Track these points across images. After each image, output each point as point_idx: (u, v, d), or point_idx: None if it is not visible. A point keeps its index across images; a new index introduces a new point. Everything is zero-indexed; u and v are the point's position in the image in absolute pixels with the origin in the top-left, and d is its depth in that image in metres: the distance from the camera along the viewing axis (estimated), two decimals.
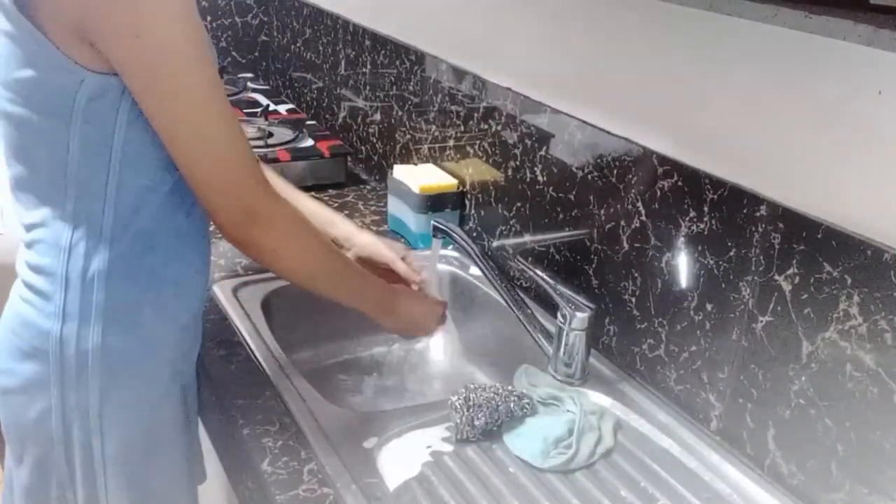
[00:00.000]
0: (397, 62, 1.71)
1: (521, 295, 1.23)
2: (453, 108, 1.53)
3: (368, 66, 1.85)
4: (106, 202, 0.93)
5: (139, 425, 1.02)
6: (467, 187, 1.52)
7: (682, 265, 1.06)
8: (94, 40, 0.84)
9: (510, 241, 1.41)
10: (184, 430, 1.08)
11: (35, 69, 0.87)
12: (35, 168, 0.94)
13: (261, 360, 1.14)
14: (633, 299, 1.15)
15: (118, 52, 0.84)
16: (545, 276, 1.18)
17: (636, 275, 1.14)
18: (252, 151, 0.93)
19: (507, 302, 1.21)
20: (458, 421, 1.01)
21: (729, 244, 0.99)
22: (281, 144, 1.83)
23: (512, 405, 1.03)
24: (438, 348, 1.46)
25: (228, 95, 2.19)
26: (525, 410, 1.04)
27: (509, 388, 1.06)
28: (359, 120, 1.93)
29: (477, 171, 1.49)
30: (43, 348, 0.95)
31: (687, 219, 1.04)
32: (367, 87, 1.87)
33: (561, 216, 1.27)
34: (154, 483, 1.05)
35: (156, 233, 0.97)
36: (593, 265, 1.22)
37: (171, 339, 1.02)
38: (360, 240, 1.29)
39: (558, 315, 1.13)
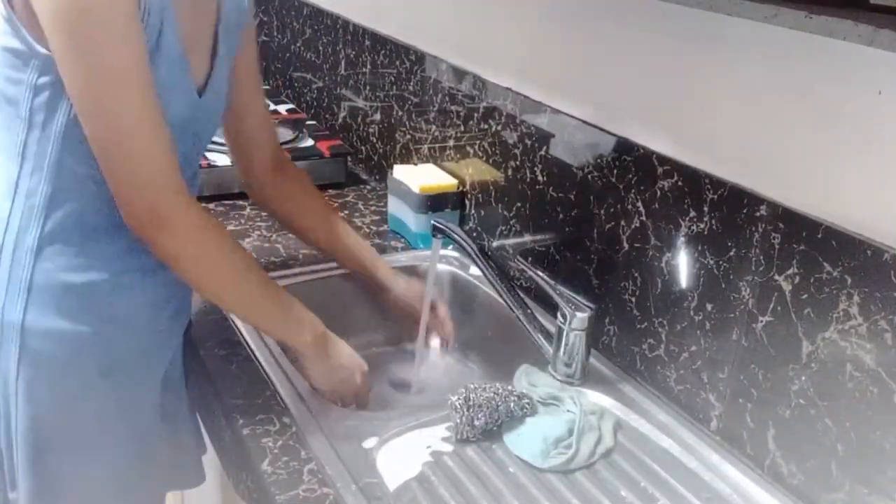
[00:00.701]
0: (397, 62, 1.71)
1: (521, 295, 1.23)
2: (453, 108, 1.53)
3: (368, 66, 1.85)
4: (45, 179, 0.93)
5: (52, 409, 0.99)
6: (467, 187, 1.52)
7: (682, 265, 1.06)
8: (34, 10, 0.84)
9: (510, 241, 1.41)
10: (123, 431, 1.05)
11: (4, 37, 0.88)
12: None
13: (261, 360, 1.14)
14: (633, 299, 1.15)
15: (43, 17, 0.84)
16: (545, 276, 1.18)
17: (636, 275, 1.14)
18: (172, 152, 0.91)
19: (507, 302, 1.21)
20: (458, 421, 1.01)
21: (729, 244, 0.99)
22: (281, 144, 1.82)
23: (512, 405, 1.03)
24: (438, 348, 1.46)
25: None
26: (525, 410, 1.04)
27: (509, 388, 1.06)
28: (359, 120, 1.93)
29: (477, 171, 1.49)
30: None
31: (687, 219, 1.04)
32: (367, 87, 1.87)
33: (561, 216, 1.27)
34: (68, 474, 1.02)
35: (94, 221, 0.96)
36: (593, 265, 1.22)
37: (97, 332, 1.00)
38: (399, 283, 1.28)
39: (558, 315, 1.13)
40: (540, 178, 1.31)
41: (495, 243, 1.45)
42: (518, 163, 1.36)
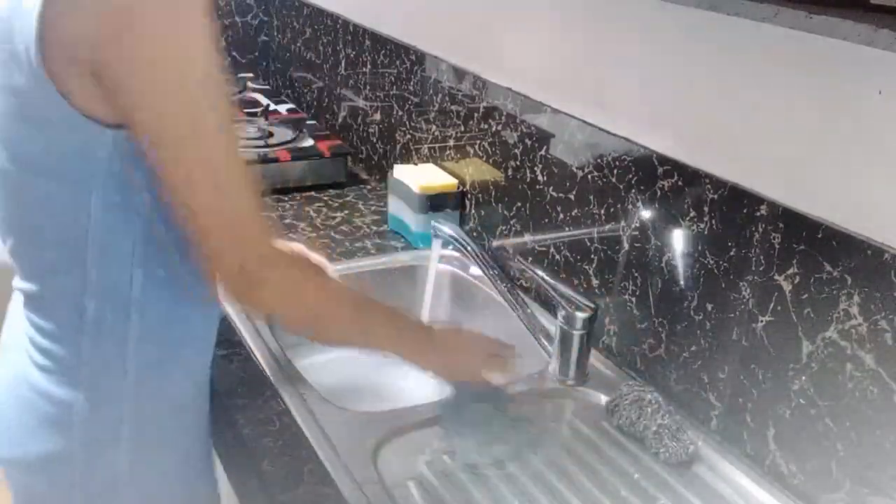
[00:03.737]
0: (397, 62, 1.71)
1: (521, 295, 1.23)
2: (453, 107, 1.53)
3: (368, 66, 1.85)
4: (133, 269, 0.87)
5: (168, 485, 0.99)
6: (467, 187, 1.52)
7: (682, 265, 1.06)
8: (104, 76, 0.76)
9: (510, 241, 1.41)
10: (202, 473, 1.06)
11: (44, 128, 0.80)
12: (40, 235, 0.87)
13: (261, 360, 1.14)
14: (633, 299, 1.15)
15: (129, 88, 0.76)
16: (545, 276, 1.18)
17: (636, 275, 1.14)
18: (262, 205, 0.85)
19: (507, 302, 1.21)
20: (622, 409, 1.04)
21: (729, 244, 0.99)
22: (281, 144, 1.83)
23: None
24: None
25: None
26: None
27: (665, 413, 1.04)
28: (359, 120, 1.93)
29: (477, 170, 1.49)
30: (65, 421, 0.91)
31: (687, 219, 1.04)
32: (368, 87, 1.87)
33: (561, 216, 1.27)
34: None
35: (179, 296, 0.92)
36: (593, 265, 1.22)
37: (191, 401, 1.00)
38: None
39: (558, 315, 1.13)
40: (540, 178, 1.31)
41: (495, 243, 1.45)
42: (518, 163, 1.36)
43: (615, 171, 1.15)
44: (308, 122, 2.02)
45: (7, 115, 0.82)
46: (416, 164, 1.66)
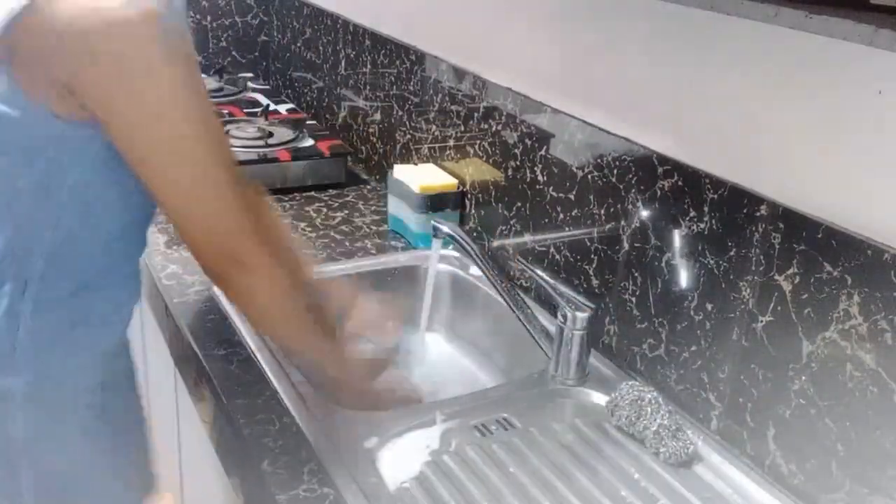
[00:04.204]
0: (397, 62, 1.71)
1: (521, 295, 1.23)
2: (453, 107, 1.53)
3: (368, 66, 1.85)
4: (41, 245, 0.92)
5: (63, 456, 1.01)
6: (467, 187, 1.52)
7: (682, 265, 1.06)
8: (77, 93, 0.82)
9: (510, 241, 1.41)
10: (111, 447, 1.07)
11: (6, 105, 0.85)
12: None
13: (261, 360, 1.14)
14: (633, 299, 1.15)
15: (108, 107, 0.83)
16: (545, 276, 1.18)
17: (636, 275, 1.14)
18: (243, 198, 0.92)
19: (507, 302, 1.21)
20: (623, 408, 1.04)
21: (729, 244, 0.99)
22: (281, 144, 1.83)
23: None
24: (438, 348, 1.46)
25: (228, 95, 2.21)
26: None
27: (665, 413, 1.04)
28: (359, 120, 1.93)
29: (477, 170, 1.49)
30: None
31: (687, 219, 1.04)
32: (368, 87, 1.87)
33: (561, 216, 1.27)
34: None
35: (88, 277, 0.97)
36: (593, 265, 1.22)
37: (94, 365, 1.02)
38: (356, 314, 1.23)
39: (558, 315, 1.13)
40: (540, 178, 1.31)
41: (495, 243, 1.45)
42: (518, 163, 1.36)
43: (615, 171, 1.15)
44: (308, 122, 2.02)
45: None
46: (416, 164, 1.66)
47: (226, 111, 2.06)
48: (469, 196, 1.52)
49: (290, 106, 2.18)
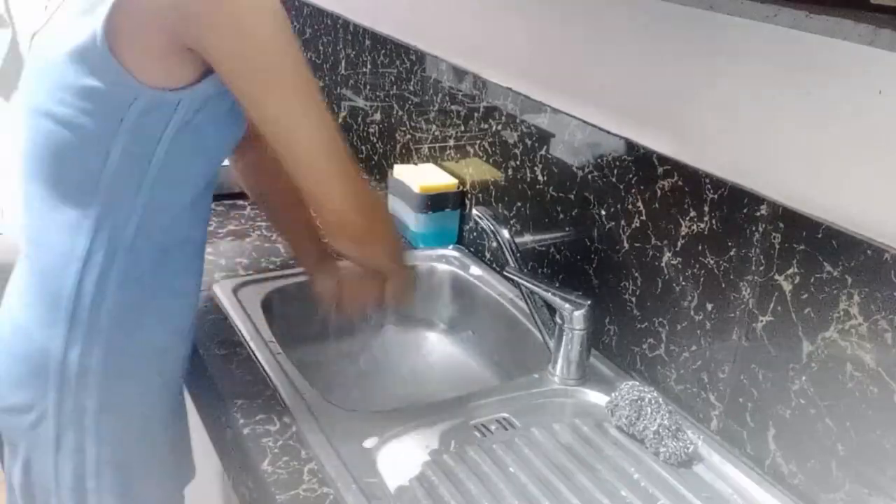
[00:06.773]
0: (397, 62, 1.71)
1: (534, 295, 1.21)
2: (453, 107, 1.53)
3: (368, 66, 1.85)
4: (131, 214, 0.94)
5: (134, 430, 1.03)
6: (467, 187, 1.52)
7: (682, 265, 1.06)
8: (197, 48, 0.86)
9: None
10: (171, 429, 1.10)
11: (99, 79, 0.87)
12: (64, 171, 0.93)
13: (261, 360, 1.14)
14: (633, 299, 1.15)
15: (229, 55, 0.87)
16: (536, 282, 1.17)
17: (636, 275, 1.14)
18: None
19: (526, 302, 1.20)
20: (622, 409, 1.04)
21: (729, 244, 0.99)
22: None
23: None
24: (439, 348, 1.46)
25: None
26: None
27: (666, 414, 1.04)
28: (359, 120, 1.93)
29: (477, 170, 1.49)
30: (42, 361, 0.96)
31: (687, 219, 1.04)
32: (367, 87, 1.87)
33: (561, 216, 1.27)
34: (144, 486, 1.07)
35: (170, 245, 0.99)
36: (593, 265, 1.22)
37: (169, 344, 1.04)
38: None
39: (557, 315, 1.13)
40: (540, 177, 1.31)
41: (495, 243, 1.45)
42: (518, 163, 1.36)
43: (615, 171, 1.15)
44: None
45: (70, 63, 0.87)
46: (416, 163, 1.66)
47: None
48: (469, 196, 1.52)
49: None
